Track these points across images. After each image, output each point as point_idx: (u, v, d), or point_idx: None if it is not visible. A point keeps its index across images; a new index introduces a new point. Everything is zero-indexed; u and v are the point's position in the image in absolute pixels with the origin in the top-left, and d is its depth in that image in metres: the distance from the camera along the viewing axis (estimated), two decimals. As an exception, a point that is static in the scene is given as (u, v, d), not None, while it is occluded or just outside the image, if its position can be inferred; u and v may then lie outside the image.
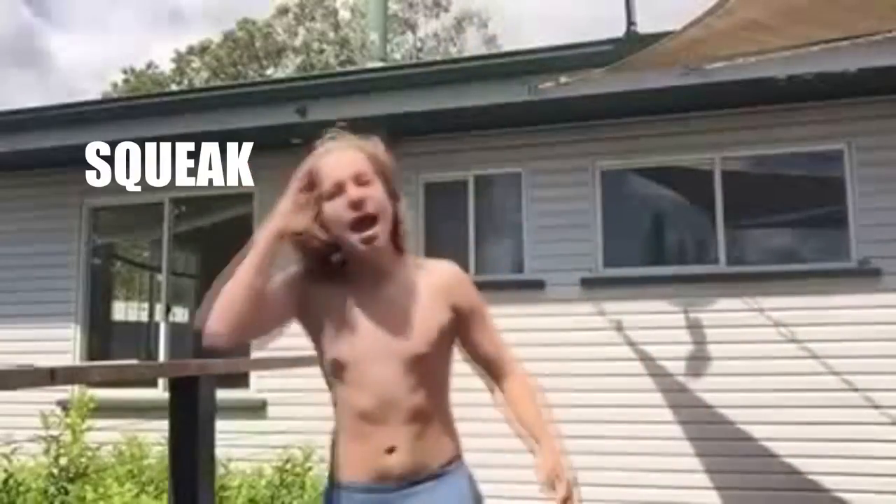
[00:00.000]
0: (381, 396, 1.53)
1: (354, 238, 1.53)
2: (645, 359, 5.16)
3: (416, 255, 1.71)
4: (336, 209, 1.54)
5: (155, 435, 4.74)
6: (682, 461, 4.98)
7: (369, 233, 1.52)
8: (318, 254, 1.59)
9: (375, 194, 1.56)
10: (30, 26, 47.80)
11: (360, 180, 1.55)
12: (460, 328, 1.65)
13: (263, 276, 1.51)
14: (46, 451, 4.54)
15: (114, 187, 6.42)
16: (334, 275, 1.61)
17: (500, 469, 3.88)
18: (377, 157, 1.62)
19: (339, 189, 1.54)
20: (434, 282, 1.63)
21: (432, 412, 1.58)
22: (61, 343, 6.36)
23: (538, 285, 5.45)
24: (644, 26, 4.64)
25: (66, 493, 4.40)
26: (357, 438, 1.56)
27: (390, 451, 1.53)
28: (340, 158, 1.58)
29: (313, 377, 1.82)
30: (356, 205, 1.52)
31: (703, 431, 5.02)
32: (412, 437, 1.54)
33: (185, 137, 5.74)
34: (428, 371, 1.57)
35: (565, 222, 5.47)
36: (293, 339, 1.76)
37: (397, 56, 25.06)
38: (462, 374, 1.80)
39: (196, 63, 26.69)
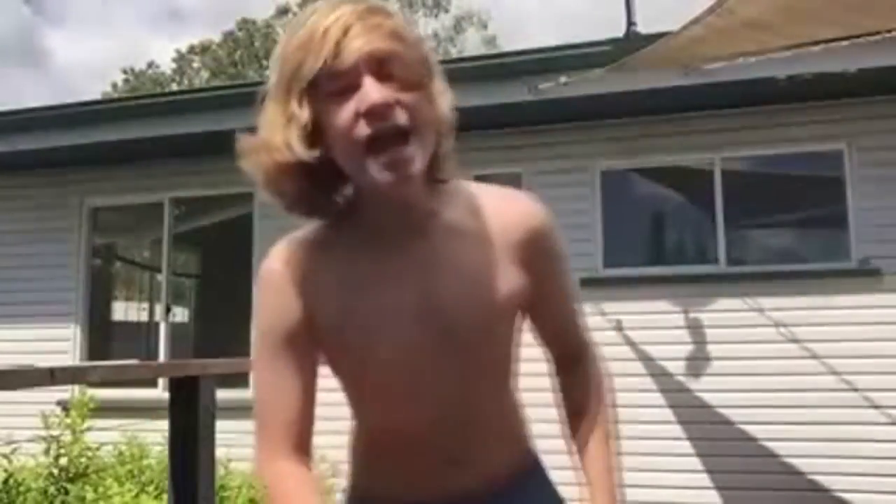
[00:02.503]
0: (428, 402, 1.07)
1: (372, 167, 0.94)
2: (645, 359, 5.15)
3: (463, 182, 1.12)
4: (340, 120, 0.93)
5: (155, 435, 4.74)
6: (683, 461, 4.97)
7: (398, 155, 0.93)
8: (303, 201, 1.04)
9: (407, 95, 0.94)
10: (29, 26, 47.81)
11: (381, 68, 0.93)
12: (532, 296, 1.11)
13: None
14: (46, 451, 4.54)
15: (114, 187, 6.43)
16: (334, 239, 1.07)
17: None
18: (403, 27, 0.98)
19: (344, 84, 0.93)
20: (498, 226, 1.08)
21: (497, 409, 1.16)
22: (61, 343, 6.35)
23: (538, 285, 5.44)
24: (644, 26, 4.64)
25: (67, 493, 4.40)
26: (397, 454, 1.12)
27: (449, 463, 1.10)
28: (345, 27, 0.92)
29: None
30: (376, 112, 0.92)
31: (703, 431, 5.02)
32: (475, 444, 1.11)
33: (185, 137, 5.75)
34: (488, 360, 1.11)
35: (565, 222, 5.44)
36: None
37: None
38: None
39: (196, 63, 26.70)
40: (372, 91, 0.92)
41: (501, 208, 1.10)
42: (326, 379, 1.09)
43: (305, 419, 1.07)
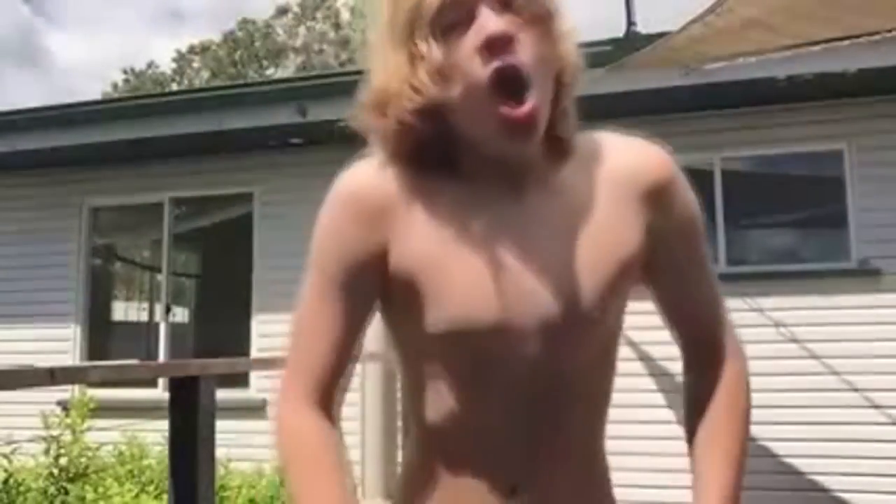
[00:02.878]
0: (518, 397, 0.88)
1: (489, 117, 0.81)
2: (645, 359, 5.15)
3: (583, 133, 0.95)
4: (455, 58, 0.81)
5: (155, 435, 4.74)
6: (683, 461, 4.96)
7: (523, 109, 0.80)
8: (412, 145, 0.88)
9: (528, 31, 0.82)
10: (29, 26, 47.83)
11: (504, 6, 0.81)
12: (656, 265, 0.94)
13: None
14: (46, 452, 4.54)
15: (114, 187, 6.44)
16: (426, 179, 0.89)
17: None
18: None
19: (461, 14, 0.81)
20: (620, 177, 0.91)
21: (581, 431, 0.94)
22: (61, 343, 6.35)
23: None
24: (644, 26, 4.64)
25: (67, 493, 4.40)
26: (462, 469, 0.91)
27: (512, 491, 0.89)
28: None
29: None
30: (495, 44, 0.79)
31: (703, 431, 5.01)
32: (545, 468, 0.90)
33: (185, 137, 5.75)
34: (584, 359, 0.92)
35: (565, 222, 5.47)
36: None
37: (397, 56, 24.98)
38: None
39: (196, 63, 26.71)
40: (489, 20, 0.79)
41: (622, 159, 0.93)
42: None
43: (342, 371, 0.91)
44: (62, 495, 4.40)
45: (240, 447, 4.31)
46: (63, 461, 4.53)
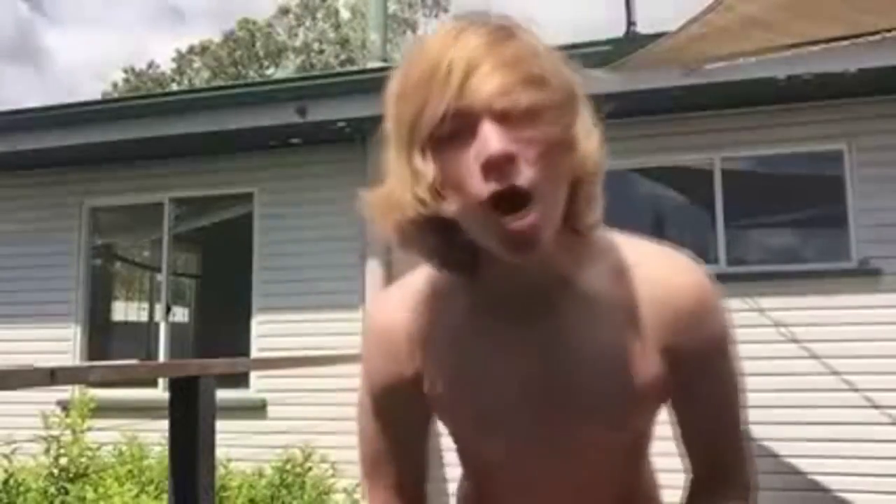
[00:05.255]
0: (541, 493, 0.95)
1: (489, 232, 0.79)
2: (645, 359, 5.15)
3: (612, 235, 0.96)
4: (455, 173, 0.77)
5: (155, 435, 4.74)
6: (683, 461, 4.97)
7: (517, 224, 0.76)
8: (440, 255, 0.87)
9: (537, 145, 0.76)
10: (29, 26, 47.83)
11: (508, 113, 0.75)
12: (676, 392, 0.93)
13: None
14: (46, 452, 4.54)
15: (114, 187, 6.44)
16: (451, 293, 0.92)
17: None
18: (541, 55, 0.80)
19: (463, 126, 0.76)
20: (646, 298, 0.88)
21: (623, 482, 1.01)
22: (61, 343, 6.35)
23: (538, 285, 5.44)
24: (644, 26, 4.64)
25: (67, 493, 4.40)
26: None
27: None
28: (472, 63, 0.76)
29: (313, 377, 1.81)
30: (493, 166, 0.75)
31: (703, 431, 5.02)
32: None
33: (185, 137, 5.75)
34: (608, 475, 0.97)
35: (565, 222, 5.46)
36: (291, 338, 1.74)
37: (397, 56, 25.05)
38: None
39: (196, 63, 26.70)
40: (491, 139, 0.74)
41: (654, 275, 0.89)
42: (324, 379, 1.08)
43: (419, 474, 1.00)
44: (62, 495, 4.40)
45: (240, 447, 4.31)
46: (63, 461, 4.53)
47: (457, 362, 0.90)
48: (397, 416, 0.96)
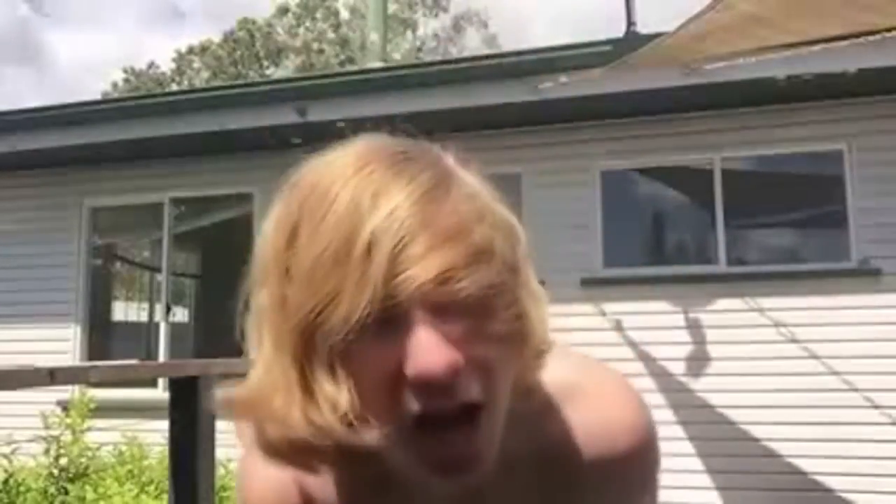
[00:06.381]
0: None
1: (413, 455, 0.59)
2: (645, 359, 5.15)
3: (545, 386, 0.70)
4: (371, 375, 0.56)
5: (155, 435, 4.74)
6: (683, 461, 4.97)
7: (456, 449, 0.58)
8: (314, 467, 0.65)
9: (486, 344, 0.57)
10: (29, 25, 47.84)
11: (446, 307, 0.55)
12: None
13: None
14: (46, 452, 4.54)
15: (114, 187, 6.43)
16: (339, 473, 0.71)
17: None
18: (485, 216, 0.62)
19: (387, 316, 0.55)
20: (577, 465, 0.73)
21: None
22: (61, 343, 6.35)
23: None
24: (644, 26, 4.65)
25: (67, 493, 4.40)
26: None
27: None
28: (401, 237, 0.55)
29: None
30: (432, 387, 0.54)
31: (703, 431, 5.02)
32: None
33: (185, 137, 5.75)
34: None
35: (565, 222, 5.46)
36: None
37: (397, 56, 25.07)
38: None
39: (196, 63, 26.71)
40: (428, 350, 0.54)
41: (591, 436, 0.74)
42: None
43: None
44: (62, 495, 4.41)
45: (240, 447, 4.31)
46: (63, 461, 4.54)
47: None
48: None
